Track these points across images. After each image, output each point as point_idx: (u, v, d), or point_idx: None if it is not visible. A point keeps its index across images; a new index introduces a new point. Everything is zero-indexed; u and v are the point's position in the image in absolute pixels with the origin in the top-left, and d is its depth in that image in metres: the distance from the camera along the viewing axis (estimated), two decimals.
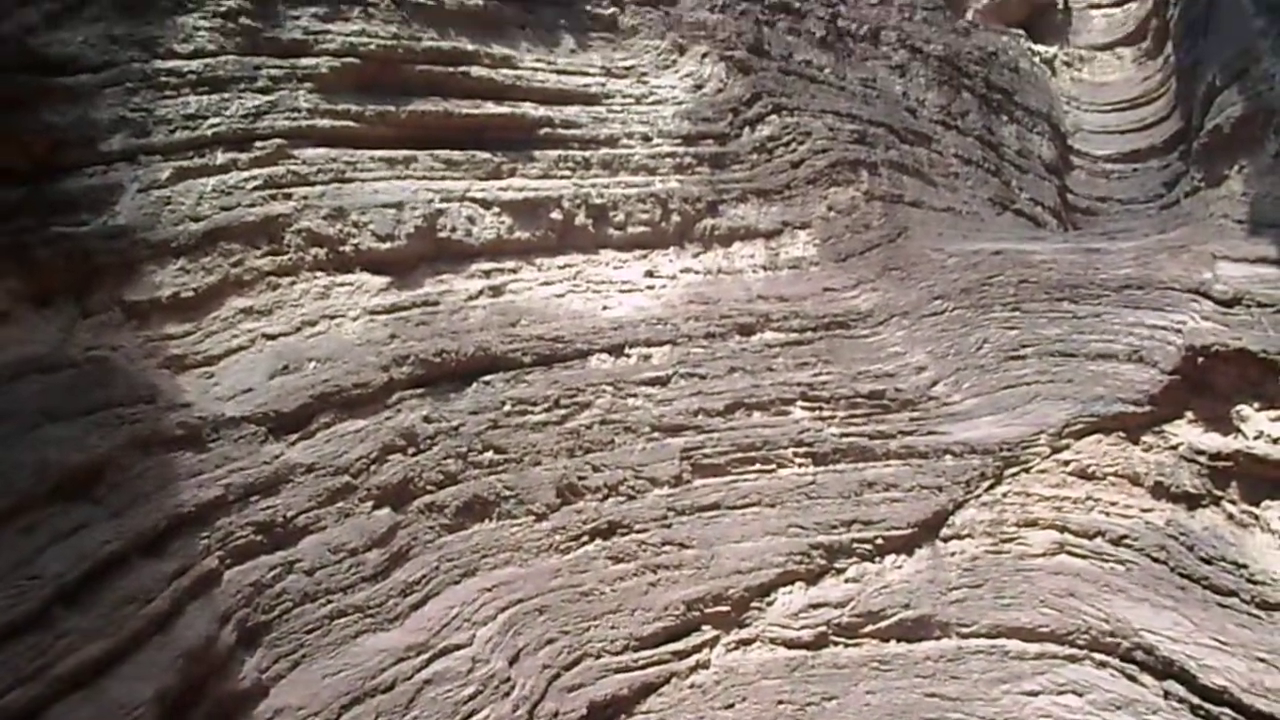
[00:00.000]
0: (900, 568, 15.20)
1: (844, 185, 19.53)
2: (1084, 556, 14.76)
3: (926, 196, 21.45)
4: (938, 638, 14.83)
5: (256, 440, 11.00)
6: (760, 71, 19.44)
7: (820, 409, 16.10)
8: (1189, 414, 14.94)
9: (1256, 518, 13.48)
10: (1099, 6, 31.73)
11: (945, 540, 15.35)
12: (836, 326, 17.31)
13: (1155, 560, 14.19)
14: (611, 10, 17.79)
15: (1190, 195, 19.35)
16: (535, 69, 16.25)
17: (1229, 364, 14.24)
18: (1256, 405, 13.90)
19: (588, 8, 17.46)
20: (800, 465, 15.63)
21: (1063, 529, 15.07)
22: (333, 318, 12.68)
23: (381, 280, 13.37)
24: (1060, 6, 31.48)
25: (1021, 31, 30.08)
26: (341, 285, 12.98)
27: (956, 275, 18.27)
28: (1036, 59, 29.51)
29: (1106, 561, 14.56)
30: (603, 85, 17.15)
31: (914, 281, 18.36)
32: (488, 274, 14.85)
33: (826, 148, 19.56)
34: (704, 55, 18.57)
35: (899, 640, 14.85)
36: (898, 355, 17.17)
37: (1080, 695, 13.94)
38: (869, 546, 15.18)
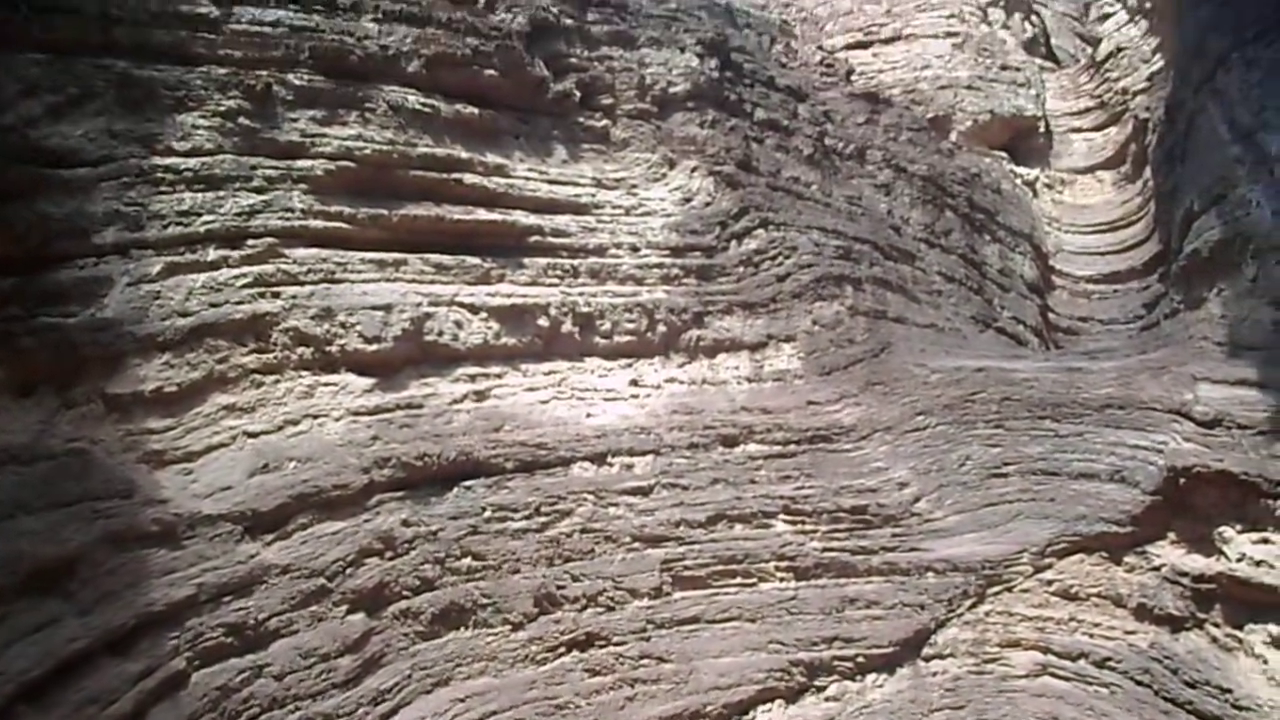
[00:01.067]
0: (881, 686, 14.94)
1: (829, 300, 19.74)
2: (1067, 679, 14.57)
3: (910, 313, 21.69)
4: None
5: (232, 539, 10.88)
6: (748, 187, 19.79)
7: (802, 523, 16.01)
8: (1171, 535, 14.92)
9: (1240, 641, 13.36)
10: (1079, 131, 32.57)
11: (927, 659, 15.14)
12: (820, 440, 17.33)
13: (1139, 684, 14.01)
14: (604, 123, 18.18)
15: (1170, 317, 19.61)
16: (527, 178, 16.54)
17: (1210, 485, 14.28)
18: (1239, 527, 13.90)
19: (580, 119, 17.85)
20: (782, 579, 15.47)
21: (1046, 650, 14.90)
22: (315, 417, 12.66)
23: (366, 381, 13.39)
24: (1041, 130, 32.28)
25: (1004, 154, 30.83)
26: (326, 385, 12.99)
27: (939, 391, 18.37)
28: (1018, 181, 30.17)
29: (1090, 684, 14.37)
30: (593, 195, 17.45)
31: (897, 397, 18.44)
32: (473, 378, 14.89)
33: (812, 263, 19.83)
34: (693, 169, 18.93)
35: None
36: (881, 470, 17.16)
37: None
38: (850, 664, 14.94)
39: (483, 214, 15.65)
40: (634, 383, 16.76)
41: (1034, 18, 38.20)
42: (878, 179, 24.09)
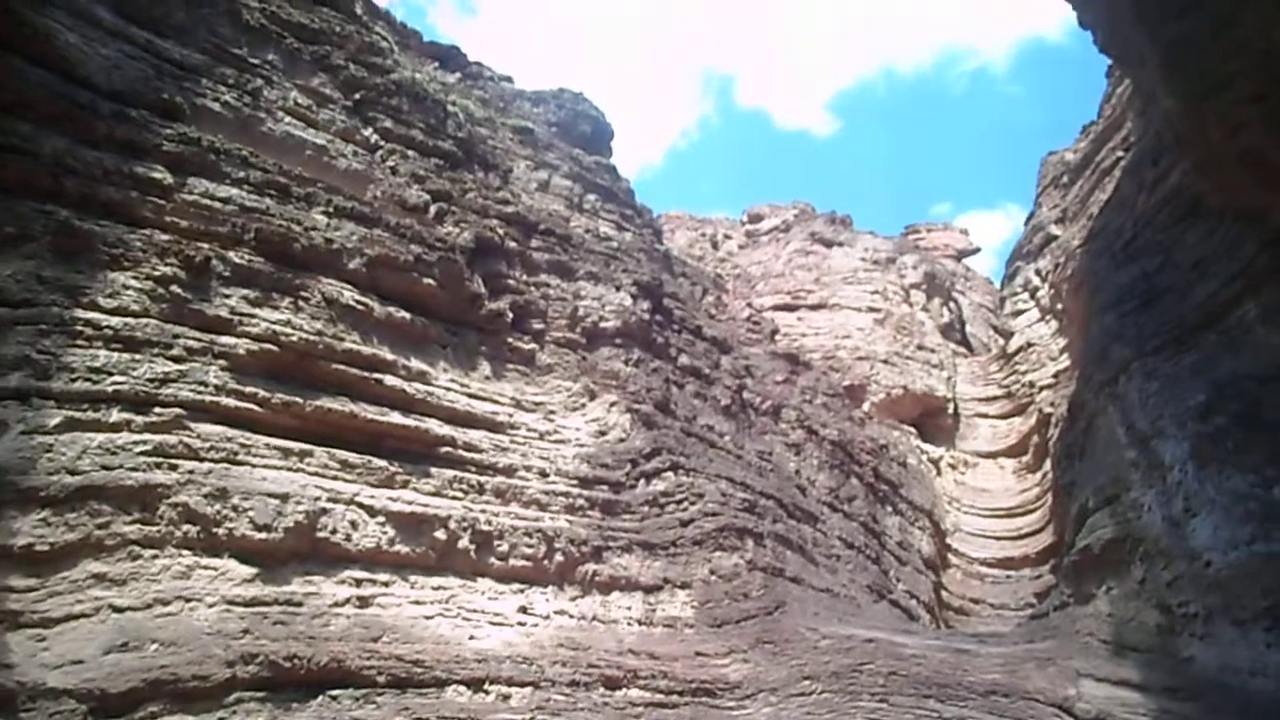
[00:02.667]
0: None
1: (729, 551, 19.73)
2: None
3: (807, 574, 21.74)
4: None
5: (75, 717, 10.10)
6: (664, 428, 20.08)
7: None
8: None
9: None
10: (986, 416, 33.87)
11: None
12: (704, 694, 16.89)
13: None
14: (532, 346, 18.50)
15: (1059, 609, 19.89)
16: (448, 388, 16.60)
17: None
18: None
19: (509, 340, 18.15)
20: None
21: None
22: (188, 600, 12.03)
23: (248, 570, 12.86)
24: (950, 411, 33.51)
25: (913, 430, 31.84)
26: (206, 568, 12.43)
27: (828, 658, 18.17)
28: (924, 457, 31.04)
29: None
30: (510, 415, 17.52)
31: (786, 658, 18.18)
32: (359, 583, 14.38)
33: (717, 512, 19.93)
34: (612, 404, 19.20)
35: None
36: None
37: None
38: None
39: (397, 417, 15.58)
40: (523, 610, 16.35)
41: (952, 304, 40.39)
42: (790, 438, 24.62)
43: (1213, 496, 16.39)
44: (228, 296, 13.70)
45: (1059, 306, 30.81)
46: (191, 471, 12.53)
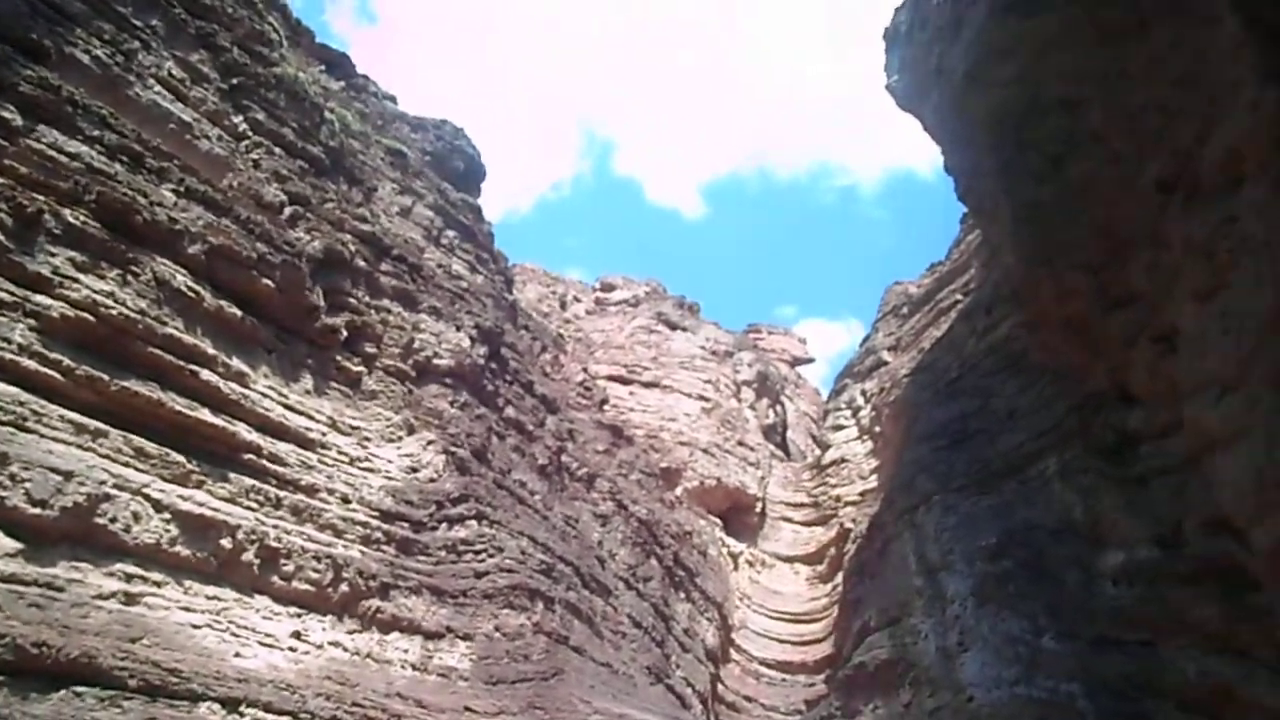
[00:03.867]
0: None
1: (518, 610, 19.56)
2: None
3: (591, 647, 21.71)
4: None
5: None
6: (476, 476, 19.89)
7: None
8: None
9: None
10: (790, 521, 34.72)
11: None
12: None
13: None
14: (360, 369, 18.13)
15: (825, 719, 20.42)
16: (265, 394, 16.07)
17: None
18: None
19: (338, 358, 17.75)
20: None
21: None
22: None
23: (12, 545, 12.03)
24: (758, 510, 34.23)
25: (719, 522, 32.36)
26: None
27: None
28: (725, 550, 31.54)
29: None
30: (323, 434, 17.07)
31: None
32: (129, 578, 13.61)
33: (514, 569, 19.77)
34: (430, 442, 18.93)
35: None
36: None
37: None
38: None
39: (206, 414, 14.96)
40: (297, 635, 15.76)
41: (779, 408, 41.49)
42: (599, 508, 24.71)
43: (986, 635, 17.20)
44: (53, 255, 13.00)
45: (877, 429, 32.03)
46: None
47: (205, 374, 14.92)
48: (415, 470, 18.49)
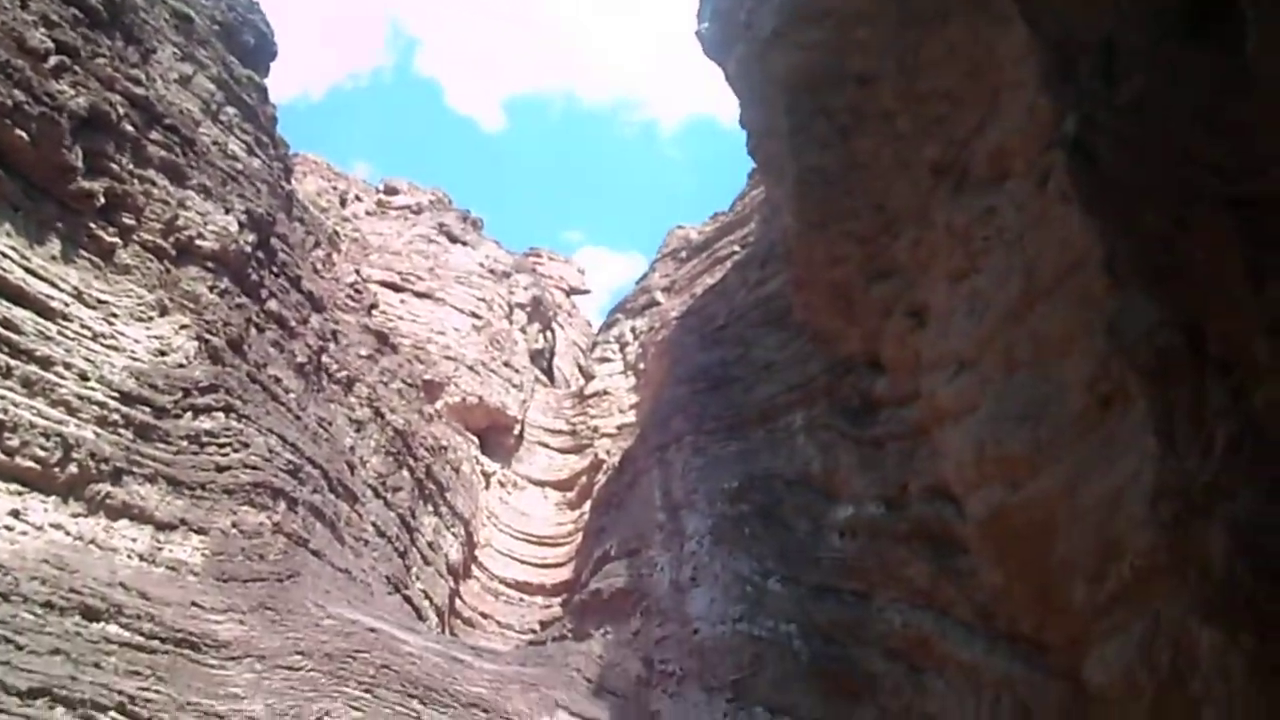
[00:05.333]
0: None
1: (258, 509, 18.99)
2: None
3: (331, 552, 21.36)
4: None
5: None
6: (229, 367, 19.09)
7: None
8: None
9: None
10: (546, 446, 35.08)
11: None
12: (187, 646, 16.05)
13: None
14: (115, 241, 16.99)
15: (557, 641, 20.96)
16: (5, 254, 14.86)
17: None
18: None
19: (92, 225, 16.57)
20: None
21: None
22: None
23: None
24: (516, 433, 34.39)
25: (476, 440, 32.33)
26: None
27: (327, 638, 17.93)
28: (479, 469, 31.58)
29: None
30: (66, 305, 15.95)
31: (284, 629, 17.73)
32: None
33: (258, 466, 19.16)
34: (182, 327, 18.01)
35: None
36: (235, 698, 16.11)
37: None
38: None
39: None
40: (15, 514, 14.81)
41: (549, 334, 41.66)
42: (355, 414, 24.23)
43: (718, 573, 18.04)
44: None
45: (641, 366, 32.74)
46: None
47: None
48: (164, 354, 17.57)
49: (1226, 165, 5.52)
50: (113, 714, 14.41)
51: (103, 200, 16.79)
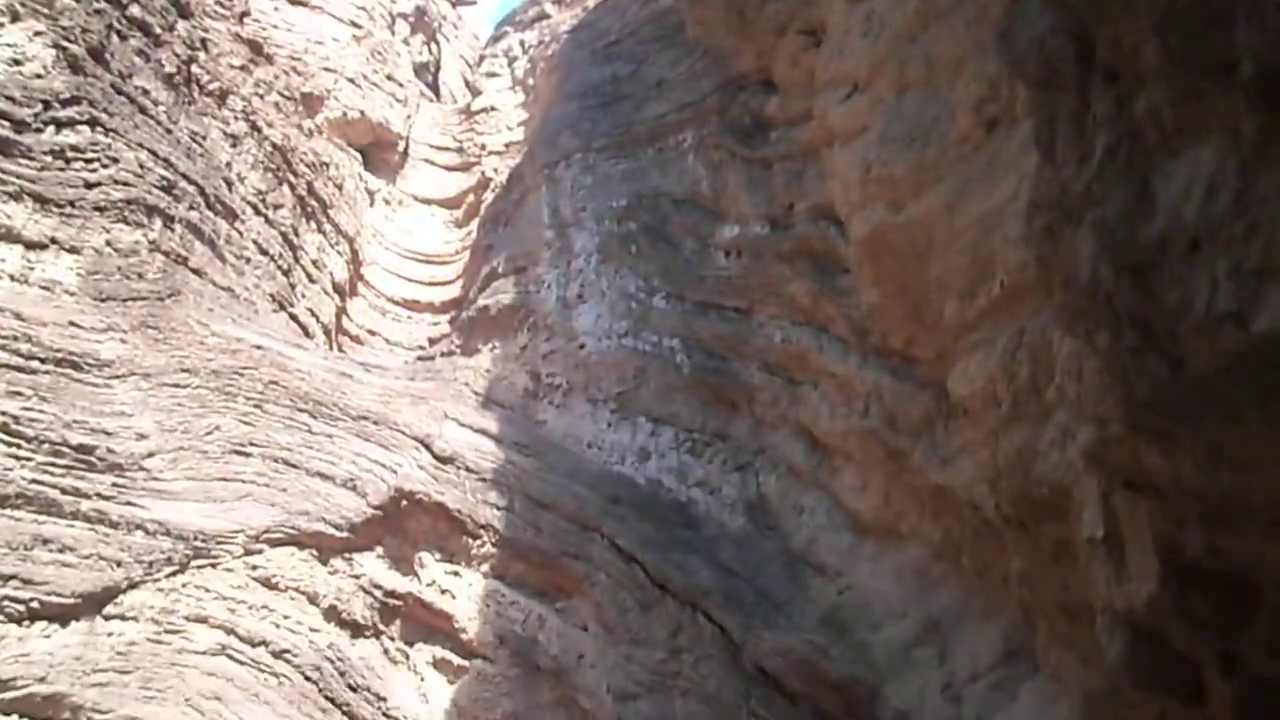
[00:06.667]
0: (49, 638, 13.85)
1: (133, 226, 18.40)
2: (242, 663, 14.75)
3: (212, 270, 20.96)
4: None
5: None
6: (91, 77, 17.94)
7: (19, 447, 14.51)
8: (379, 549, 16.02)
9: (408, 656, 14.71)
10: (433, 164, 34.24)
11: (107, 618, 14.38)
12: (69, 366, 15.91)
13: (308, 679, 14.67)
14: None
15: (445, 356, 21.33)
16: None
17: (426, 513, 15.72)
18: (438, 556, 15.44)
19: None
20: None
21: (230, 631, 14.96)
22: None
23: None
24: (401, 149, 33.40)
25: (359, 156, 31.37)
26: None
27: (213, 356, 17.92)
28: (363, 186, 30.84)
29: (263, 672, 14.69)
30: None
31: (168, 347, 17.62)
32: None
33: (129, 182, 18.40)
34: (38, 33, 16.74)
35: (23, 716, 13.36)
36: (123, 415, 16.19)
37: None
38: (21, 608, 13.66)
39: None
40: None
41: (433, 46, 39.82)
42: (230, 127, 23.19)
43: (604, 290, 18.34)
44: None
45: (530, 82, 31.74)
46: None
47: None
48: (19, 63, 16.39)
49: None
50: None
51: None
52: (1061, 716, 8.84)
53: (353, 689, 14.52)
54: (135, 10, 19.63)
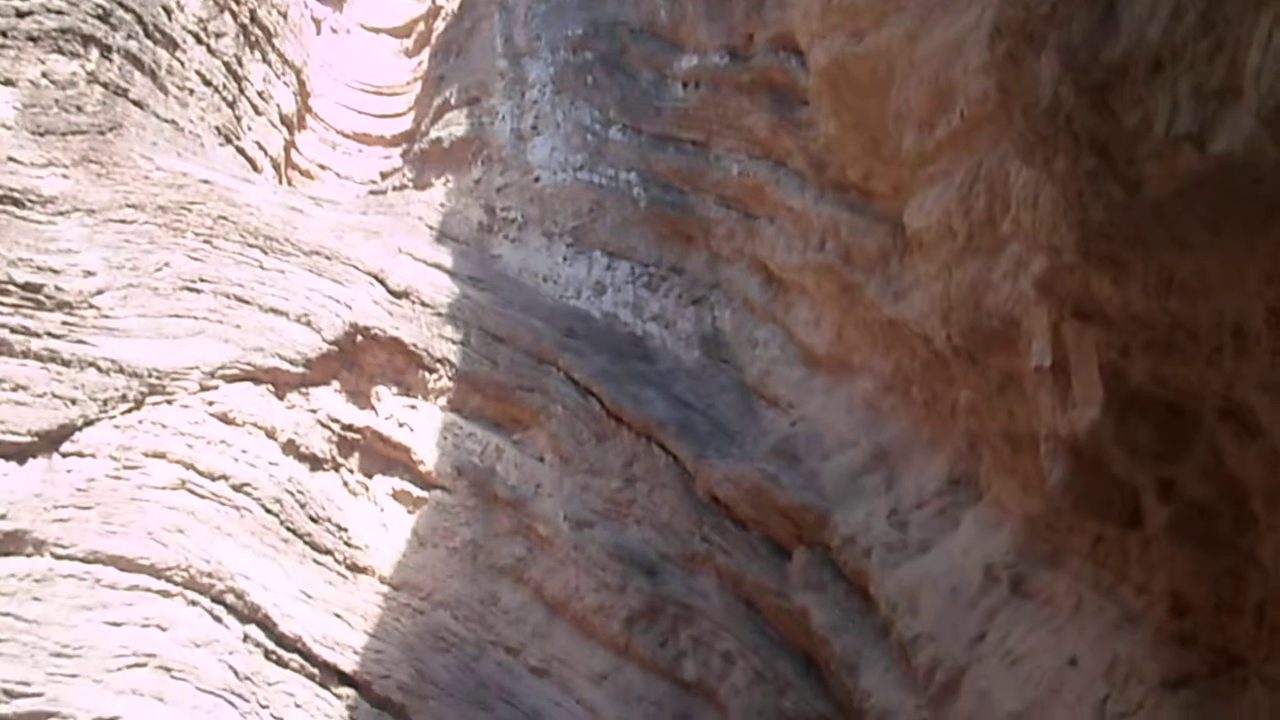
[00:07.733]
0: (6, 476, 13.87)
1: (69, 57, 17.65)
2: (203, 497, 14.87)
3: (154, 102, 20.24)
4: (29, 555, 13.62)
5: None
6: None
7: None
8: (335, 384, 16.06)
9: (367, 488, 14.95)
10: None
11: (65, 456, 14.40)
12: (10, 203, 15.47)
13: (269, 511, 14.86)
14: None
15: (398, 190, 20.99)
16: None
17: (382, 348, 15.76)
18: (395, 390, 15.55)
19: None
20: None
21: (189, 466, 15.02)
22: None
23: None
24: None
25: None
26: None
27: (159, 191, 17.48)
28: (308, 14, 29.69)
29: (224, 505, 14.84)
30: None
31: (112, 182, 17.16)
32: None
33: (63, 10, 17.56)
34: None
35: None
36: (70, 253, 15.86)
37: (164, 630, 13.80)
38: None
39: None
40: None
41: None
42: None
43: (559, 121, 18.00)
44: None
45: None
46: None
47: None
48: None
49: None
50: None
51: None
52: (1002, 541, 9.17)
53: (314, 520, 14.75)
54: None
